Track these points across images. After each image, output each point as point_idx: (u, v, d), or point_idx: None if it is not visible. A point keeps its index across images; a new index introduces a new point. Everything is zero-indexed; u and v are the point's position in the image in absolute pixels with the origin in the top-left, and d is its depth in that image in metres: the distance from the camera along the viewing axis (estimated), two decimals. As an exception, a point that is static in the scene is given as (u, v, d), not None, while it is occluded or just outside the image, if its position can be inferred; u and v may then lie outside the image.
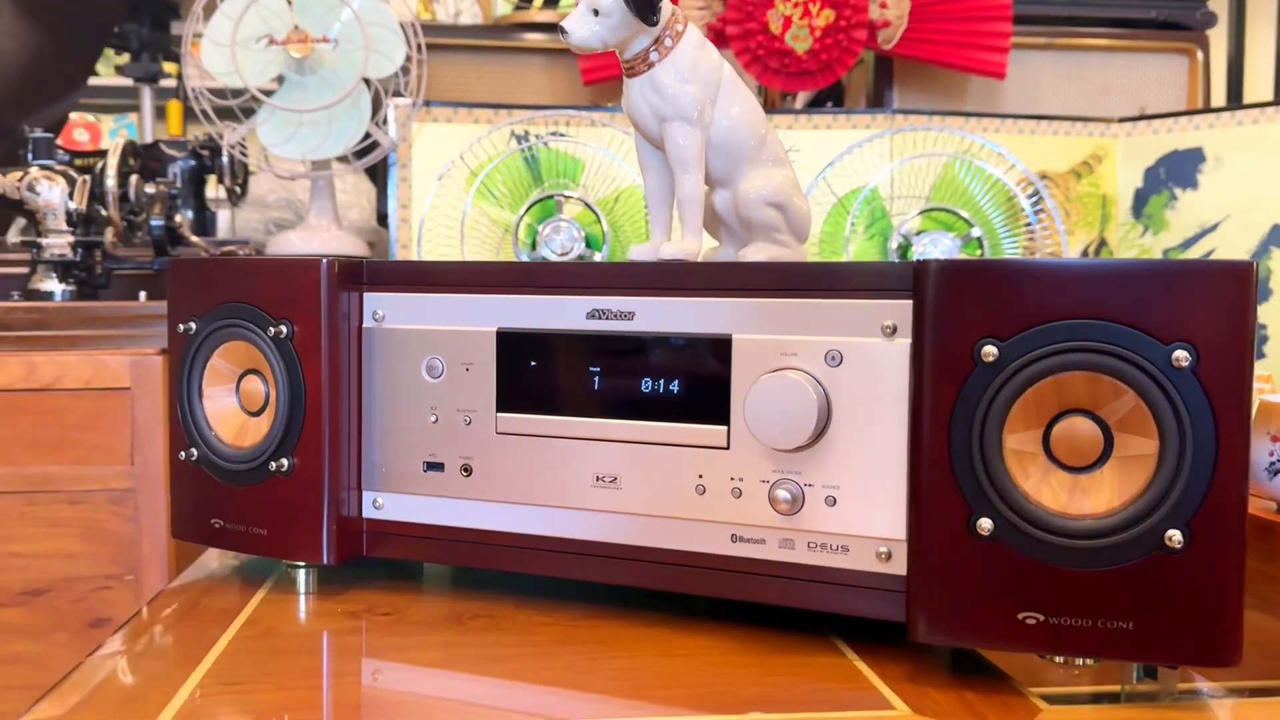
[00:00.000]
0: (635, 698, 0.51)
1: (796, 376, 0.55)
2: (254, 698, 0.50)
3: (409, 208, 1.80)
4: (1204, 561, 0.48)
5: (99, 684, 0.52)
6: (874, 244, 1.77)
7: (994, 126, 1.86)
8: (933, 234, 1.71)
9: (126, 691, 0.51)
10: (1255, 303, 0.48)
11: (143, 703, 0.49)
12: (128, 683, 0.52)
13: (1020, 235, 1.72)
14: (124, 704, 0.49)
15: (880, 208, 1.77)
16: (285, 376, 0.65)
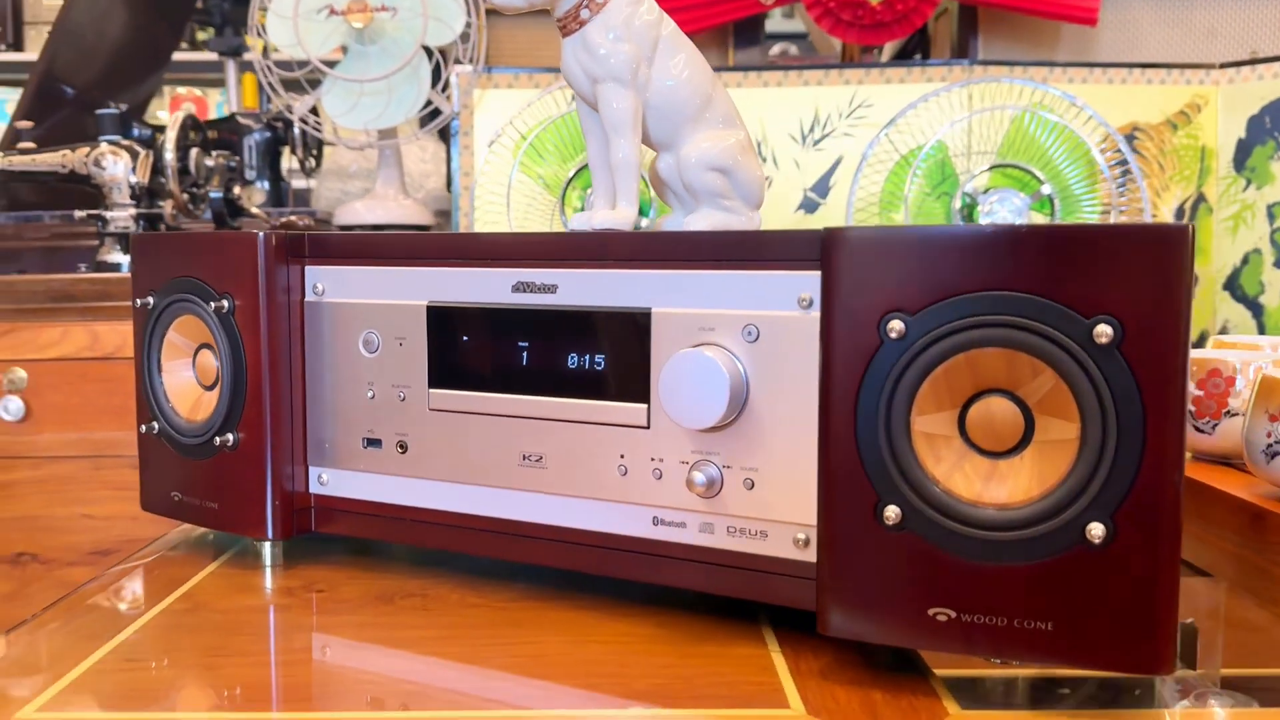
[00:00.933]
0: (537, 677, 0.49)
1: (710, 353, 0.52)
2: (143, 675, 0.50)
3: (470, 175, 1.80)
4: (1130, 558, 0.44)
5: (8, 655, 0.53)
6: (941, 204, 1.69)
7: (1081, 76, 1.76)
8: (1001, 192, 1.63)
9: (27, 666, 0.52)
10: (1190, 272, 0.43)
11: (38, 677, 0.49)
12: (33, 657, 0.53)
13: (1099, 193, 1.62)
14: (18, 678, 0.50)
15: (949, 165, 1.69)
16: (229, 351, 0.65)
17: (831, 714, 0.45)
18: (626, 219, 0.60)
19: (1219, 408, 0.68)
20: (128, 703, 0.47)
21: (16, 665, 0.51)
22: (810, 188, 1.81)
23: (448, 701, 0.47)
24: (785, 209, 1.78)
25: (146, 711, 0.46)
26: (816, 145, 1.79)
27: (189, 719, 0.46)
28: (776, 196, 1.76)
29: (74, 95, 2.04)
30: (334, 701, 0.48)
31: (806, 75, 1.79)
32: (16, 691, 0.48)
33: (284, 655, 0.53)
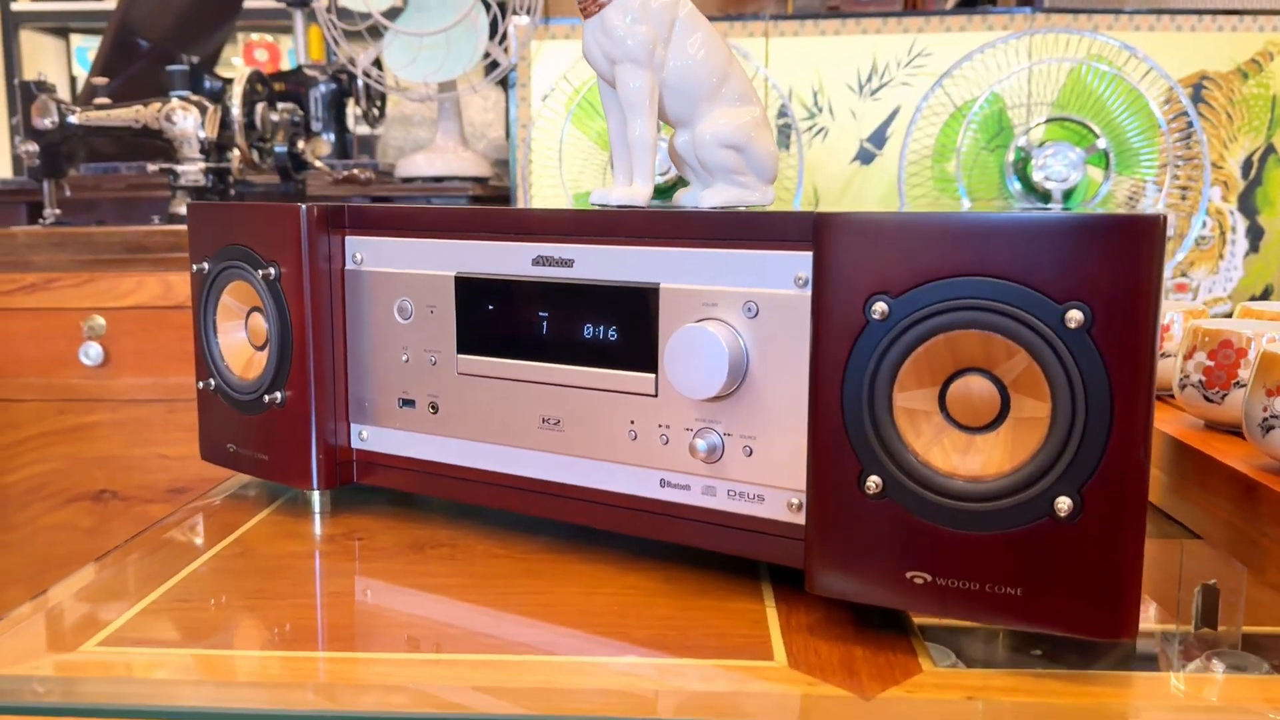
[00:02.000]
0: (547, 622, 0.54)
1: (712, 328, 0.55)
2: (193, 614, 0.55)
3: (528, 127, 1.83)
4: (1096, 530, 0.46)
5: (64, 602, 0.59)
6: (995, 157, 1.68)
7: (1149, 24, 1.72)
8: (1056, 145, 1.61)
9: (88, 607, 0.57)
10: (1160, 260, 0.45)
11: (98, 615, 0.55)
12: (93, 598, 0.59)
13: (1157, 148, 1.60)
14: (79, 618, 0.56)
15: (1005, 117, 1.68)
16: (276, 315, 0.70)
17: (811, 667, 0.49)
18: (642, 195, 0.63)
19: (1229, 379, 0.70)
20: (179, 640, 0.52)
21: (79, 606, 0.57)
22: (867, 138, 1.81)
23: (464, 641, 0.52)
24: (841, 160, 1.78)
25: (195, 648, 0.51)
26: (874, 95, 1.79)
27: (233, 656, 0.51)
28: (832, 148, 1.77)
29: (149, 48, 2.11)
30: (366, 641, 0.53)
31: (865, 23, 1.77)
32: (76, 630, 0.53)
33: (319, 599, 0.58)
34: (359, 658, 0.50)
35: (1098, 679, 0.49)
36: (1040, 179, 1.60)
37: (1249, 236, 1.79)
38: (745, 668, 0.49)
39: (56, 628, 0.54)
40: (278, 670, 0.49)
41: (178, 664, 0.50)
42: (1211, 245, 1.77)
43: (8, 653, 0.50)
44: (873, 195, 1.80)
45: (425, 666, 0.49)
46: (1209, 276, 1.79)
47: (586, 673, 0.49)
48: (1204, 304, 1.79)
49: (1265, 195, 1.79)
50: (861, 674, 0.49)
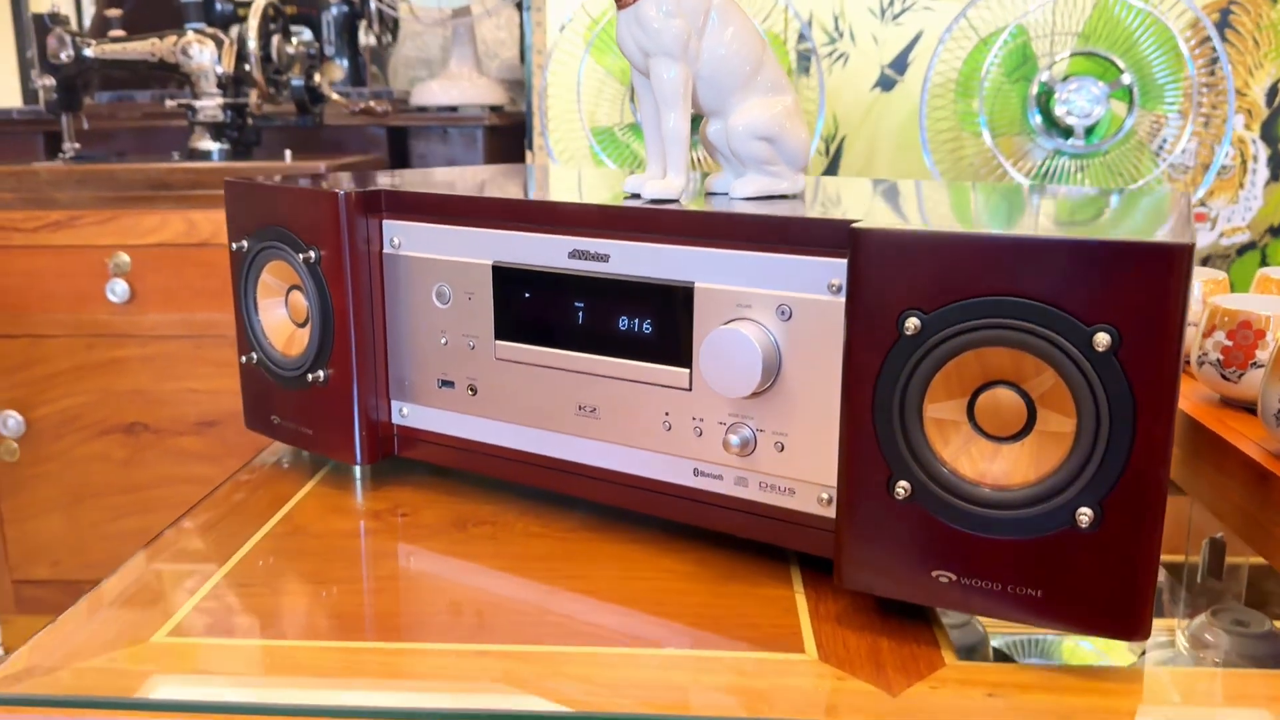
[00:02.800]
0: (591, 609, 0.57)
1: (745, 330, 0.57)
2: (254, 602, 0.59)
3: (543, 53, 1.81)
4: (1115, 539, 0.49)
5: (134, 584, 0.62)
6: (1017, 90, 1.67)
7: (1178, -54, 1.68)
8: (1080, 80, 1.59)
9: (152, 593, 0.61)
10: (1188, 285, 0.46)
11: (165, 602, 0.58)
12: (156, 584, 0.62)
13: (1182, 82, 1.58)
14: (150, 601, 0.59)
15: (1029, 49, 1.66)
16: (317, 297, 0.71)
17: (841, 660, 0.52)
18: (675, 189, 0.64)
19: (1246, 359, 0.71)
20: (245, 628, 0.56)
21: (143, 593, 0.60)
22: (888, 64, 1.79)
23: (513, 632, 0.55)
24: (862, 87, 1.77)
25: (261, 639, 0.55)
26: (896, 20, 1.76)
27: (298, 648, 0.54)
28: (853, 73, 1.75)
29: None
30: (420, 630, 0.56)
31: (888, -55, 1.74)
32: (144, 618, 0.57)
33: (372, 583, 0.61)
34: (416, 648, 0.54)
35: (1110, 675, 0.52)
36: (1063, 113, 1.59)
37: (1270, 165, 1.78)
38: (779, 661, 0.52)
39: (125, 617, 0.57)
40: (339, 662, 0.53)
41: (247, 656, 0.53)
42: (1232, 174, 1.76)
43: (82, 645, 0.54)
44: (893, 122, 1.78)
45: (474, 659, 0.52)
46: (1228, 206, 1.79)
47: (630, 666, 0.52)
48: (1221, 233, 1.79)
49: (1289, 124, 1.78)
50: (888, 667, 0.52)
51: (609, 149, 1.69)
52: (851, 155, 1.78)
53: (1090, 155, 1.61)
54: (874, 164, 1.78)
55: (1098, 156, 1.60)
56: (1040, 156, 1.61)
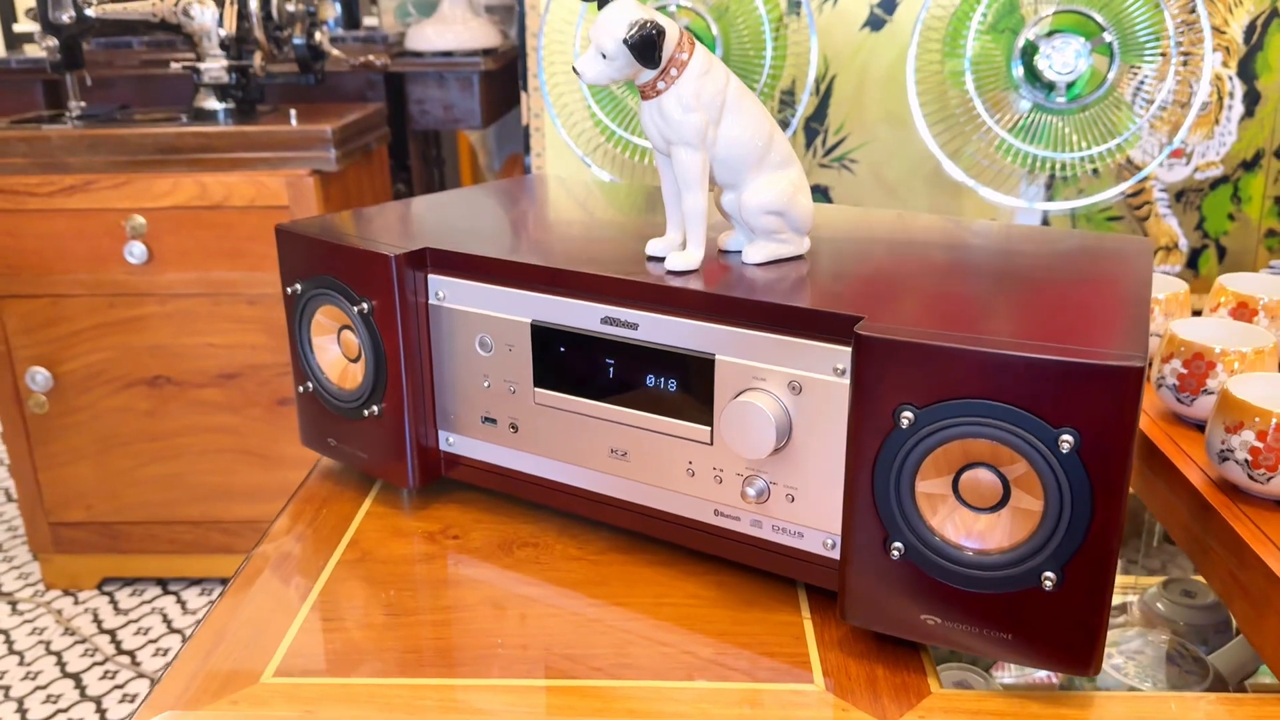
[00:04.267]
0: (628, 640, 0.67)
1: (761, 402, 0.66)
2: (342, 637, 0.68)
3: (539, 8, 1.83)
4: (1073, 598, 0.59)
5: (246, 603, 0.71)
6: (1000, 42, 1.71)
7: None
8: (1063, 36, 1.64)
9: (250, 630, 0.70)
10: (1139, 399, 0.55)
11: (265, 640, 0.68)
12: (251, 619, 0.71)
13: (1161, 41, 1.63)
14: (246, 644, 0.69)
15: (1013, 1, 1.70)
16: (370, 343, 0.79)
17: (843, 690, 0.63)
18: (695, 261, 0.72)
19: (1198, 386, 0.81)
20: (340, 668, 0.65)
21: (243, 630, 0.70)
22: (877, 4, 1.83)
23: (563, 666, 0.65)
24: (851, 26, 1.81)
25: (357, 678, 0.64)
26: (885, -42, 1.80)
27: (390, 686, 0.64)
28: (843, 13, 1.79)
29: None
30: (486, 665, 0.66)
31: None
32: (251, 657, 0.66)
33: (438, 614, 0.71)
34: (487, 684, 0.64)
35: (1067, 700, 0.63)
36: (1045, 68, 1.64)
37: (1245, 101, 1.84)
38: (793, 692, 0.63)
39: (237, 658, 0.66)
40: (414, 697, 0.63)
41: (347, 695, 0.63)
42: (1209, 110, 1.83)
43: (205, 686, 0.63)
44: (882, 62, 1.83)
45: (538, 694, 0.63)
46: (1203, 141, 1.86)
47: (669, 700, 0.62)
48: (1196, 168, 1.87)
49: (1265, 60, 1.84)
50: (884, 696, 0.62)
51: (603, 102, 1.73)
52: (841, 94, 1.83)
53: (1071, 112, 1.67)
54: (863, 103, 1.83)
55: (1078, 113, 1.66)
56: (1023, 109, 1.67)
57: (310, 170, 1.63)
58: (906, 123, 1.78)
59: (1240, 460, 0.71)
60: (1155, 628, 0.94)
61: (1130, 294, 0.68)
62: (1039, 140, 1.67)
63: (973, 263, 0.79)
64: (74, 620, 1.88)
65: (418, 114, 2.01)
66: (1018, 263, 0.78)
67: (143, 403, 1.78)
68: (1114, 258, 0.79)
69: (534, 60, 1.80)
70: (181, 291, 1.71)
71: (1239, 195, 1.86)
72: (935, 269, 0.76)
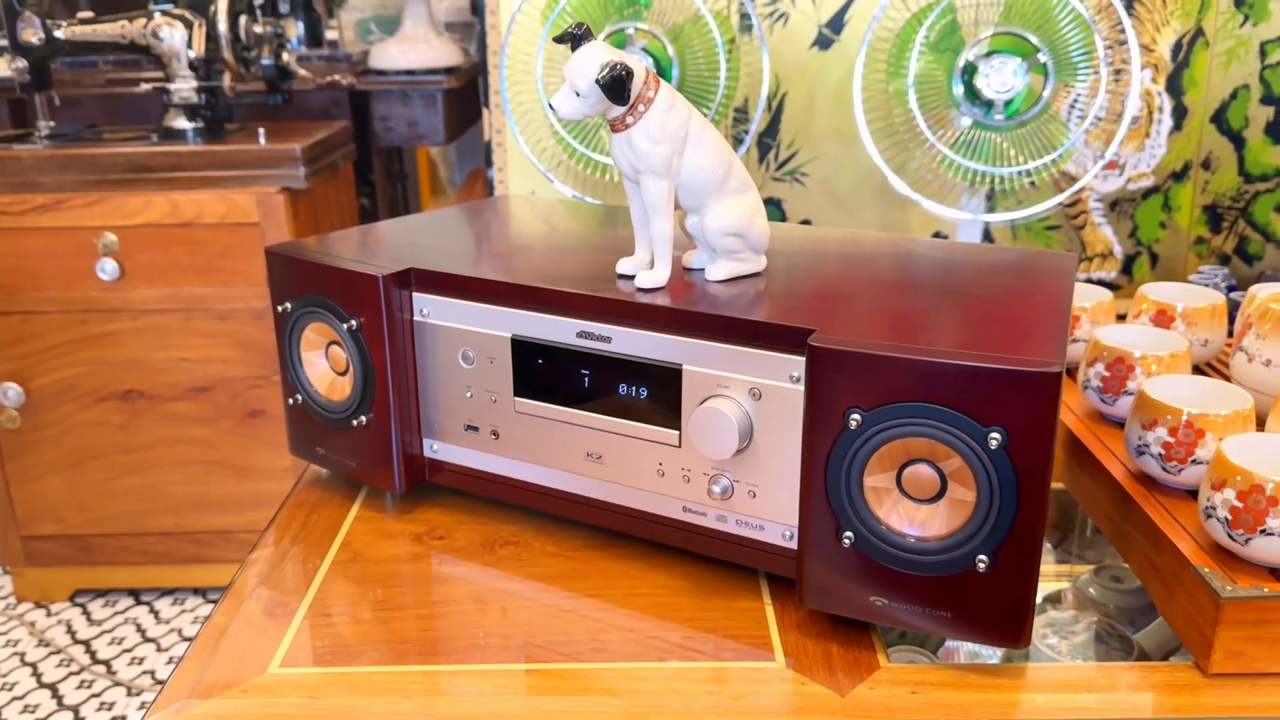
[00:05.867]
0: (605, 628, 0.73)
1: (725, 408, 0.72)
2: (341, 631, 0.74)
3: (497, 13, 1.89)
4: (1004, 578, 0.66)
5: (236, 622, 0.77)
6: (942, 61, 1.80)
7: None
8: (1001, 57, 1.73)
9: (254, 628, 0.76)
10: (1059, 399, 0.63)
11: (266, 642, 0.73)
12: (254, 618, 0.77)
13: (1092, 61, 1.73)
14: (252, 640, 0.74)
15: (954, 22, 1.78)
16: (359, 357, 0.85)
17: (802, 666, 0.70)
18: (662, 279, 0.79)
19: (1119, 387, 0.89)
20: (341, 657, 0.71)
21: (246, 628, 0.75)
22: (825, 24, 1.91)
23: (544, 650, 0.71)
24: (800, 46, 1.89)
25: (357, 666, 0.70)
26: (832, -20, 1.88)
27: (390, 673, 0.70)
28: (792, 33, 1.87)
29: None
30: (479, 653, 0.72)
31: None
32: (256, 651, 0.72)
33: (429, 608, 0.77)
34: (481, 670, 0.70)
35: (1003, 672, 0.70)
36: (984, 86, 1.73)
37: (1174, 115, 1.95)
38: (756, 670, 0.69)
39: (243, 651, 0.72)
40: (409, 684, 0.69)
41: (348, 683, 0.68)
42: (1140, 124, 1.93)
43: (215, 678, 0.69)
44: (830, 79, 1.91)
45: (524, 677, 0.69)
46: (1135, 154, 1.96)
47: (642, 679, 0.68)
48: (1129, 179, 1.97)
49: (1191, 76, 1.95)
50: (838, 671, 0.69)
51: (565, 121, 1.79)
52: (792, 110, 1.91)
53: (1009, 128, 1.76)
54: (812, 119, 1.91)
55: (1015, 129, 1.76)
56: (963, 126, 1.76)
57: (280, 188, 1.67)
58: (854, 138, 1.86)
59: (1155, 454, 0.78)
60: (1087, 611, 1.02)
61: (1052, 306, 0.76)
62: (979, 156, 1.76)
63: (915, 278, 0.86)
64: (47, 632, 1.91)
65: (382, 131, 2.06)
66: (955, 278, 0.86)
67: (115, 416, 1.81)
68: (1040, 272, 0.87)
69: (496, 77, 1.85)
70: (153, 307, 1.75)
71: (1169, 204, 1.97)
72: (880, 284, 0.84)
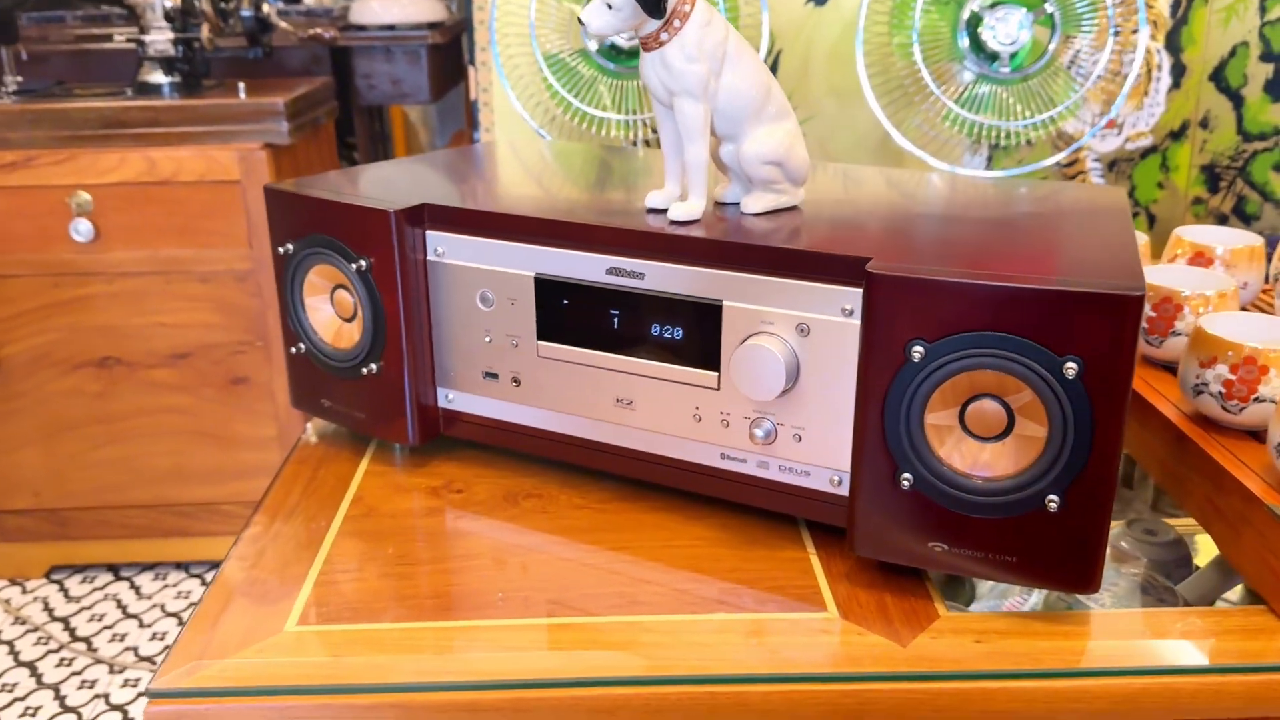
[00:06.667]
0: (642, 581, 0.69)
1: (770, 344, 0.68)
2: (356, 587, 0.69)
3: (484, -33, 1.82)
4: (1074, 519, 0.62)
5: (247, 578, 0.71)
6: (946, 14, 1.75)
7: None
8: (1006, 8, 1.69)
9: (265, 584, 0.70)
10: (1138, 327, 0.58)
11: (283, 594, 0.68)
12: (266, 574, 0.71)
13: (1099, 13, 1.69)
14: (262, 596, 0.69)
15: (958, -28, 1.74)
16: (368, 300, 0.80)
17: (856, 617, 0.65)
18: (697, 211, 0.74)
19: (1167, 328, 0.85)
20: (357, 614, 0.66)
21: (255, 587, 0.70)
22: (820, -22, 1.86)
23: (580, 602, 0.67)
24: (795, 2, 1.85)
25: (374, 623, 0.65)
26: (827, -67, 1.83)
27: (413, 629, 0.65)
28: (789, -15, 1.82)
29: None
30: (501, 608, 0.67)
31: None
32: (269, 610, 0.67)
33: (454, 562, 0.72)
34: (509, 624, 0.65)
35: (1067, 619, 0.66)
36: (989, 38, 1.69)
37: (1173, 73, 1.92)
38: (810, 621, 0.65)
39: (255, 611, 0.67)
40: (447, 639, 0.64)
41: (373, 640, 0.64)
42: (1139, 82, 1.90)
43: (226, 639, 0.64)
44: (826, 38, 1.87)
45: (560, 631, 0.64)
46: (1134, 112, 1.93)
47: (693, 631, 0.64)
48: (1127, 138, 1.94)
49: (1190, 34, 1.91)
50: (895, 620, 0.65)
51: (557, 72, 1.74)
52: (788, 69, 1.86)
53: (1014, 81, 1.72)
54: (808, 78, 1.86)
55: (1020, 83, 1.72)
56: (966, 81, 1.72)
57: (262, 144, 1.61)
58: (851, 96, 1.82)
59: (1215, 393, 0.75)
60: (1125, 563, 0.99)
61: (1118, 233, 0.72)
62: (984, 110, 1.72)
63: (963, 209, 0.82)
64: (23, 609, 1.84)
65: (365, 88, 1.99)
66: (1008, 210, 0.82)
67: (91, 385, 1.74)
68: (1094, 205, 0.83)
69: (482, 34, 1.79)
70: (130, 270, 1.67)
71: (1167, 164, 1.94)
72: (930, 216, 0.79)
